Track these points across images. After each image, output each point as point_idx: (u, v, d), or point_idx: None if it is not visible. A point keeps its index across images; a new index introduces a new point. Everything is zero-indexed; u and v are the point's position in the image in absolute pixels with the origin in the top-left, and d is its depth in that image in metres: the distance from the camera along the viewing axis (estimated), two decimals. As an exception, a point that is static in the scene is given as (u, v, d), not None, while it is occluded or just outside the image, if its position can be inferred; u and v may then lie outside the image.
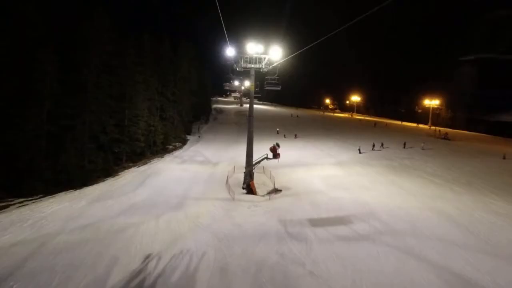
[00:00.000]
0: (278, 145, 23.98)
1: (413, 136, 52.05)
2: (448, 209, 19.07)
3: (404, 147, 39.49)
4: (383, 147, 39.11)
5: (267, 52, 23.49)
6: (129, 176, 27.63)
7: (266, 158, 23.82)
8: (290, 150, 35.71)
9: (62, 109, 25.01)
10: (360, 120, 77.17)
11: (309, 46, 16.32)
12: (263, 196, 22.80)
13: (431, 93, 76.48)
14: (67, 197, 22.02)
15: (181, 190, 23.78)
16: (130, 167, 30.91)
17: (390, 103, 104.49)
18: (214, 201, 21.03)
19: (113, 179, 27.12)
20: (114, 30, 30.20)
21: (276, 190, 23.62)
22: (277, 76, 24.15)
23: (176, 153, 38.41)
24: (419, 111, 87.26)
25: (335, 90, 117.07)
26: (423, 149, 38.54)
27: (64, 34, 27.43)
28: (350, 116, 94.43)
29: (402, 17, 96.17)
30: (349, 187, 23.74)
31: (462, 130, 69.20)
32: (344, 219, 17.45)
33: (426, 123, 75.11)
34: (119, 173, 28.86)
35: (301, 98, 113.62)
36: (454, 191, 22.88)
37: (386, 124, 71.21)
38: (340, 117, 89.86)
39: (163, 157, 36.04)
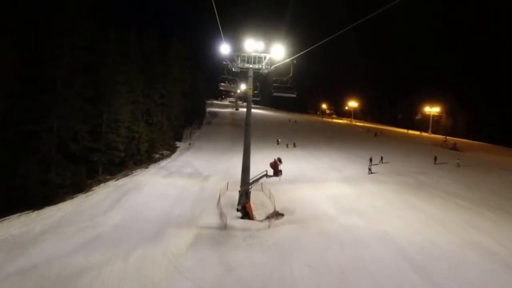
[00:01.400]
0: (280, 160, 20.10)
1: (419, 146, 48.92)
2: (491, 246, 15.35)
3: (435, 163, 34.99)
4: (382, 162, 34.19)
5: (269, 51, 20.02)
6: (104, 193, 23.50)
7: (266, 175, 19.96)
8: (290, 161, 31.77)
9: (22, 112, 20.95)
10: (368, 130, 69.09)
11: (313, 46, 13.93)
12: (261, 221, 18.95)
13: (432, 100, 74.06)
14: (20, 221, 17.89)
15: (163, 212, 19.91)
16: (107, 180, 26.70)
17: (389, 109, 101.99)
18: (201, 230, 17.12)
19: (84, 195, 23.00)
20: (92, 21, 26.16)
21: (277, 214, 19.80)
22: (290, 76, 20.23)
23: (163, 163, 34.25)
24: (419, 117, 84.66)
25: (333, 94, 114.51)
26: (458, 166, 34.17)
27: (30, 23, 23.39)
28: (349, 122, 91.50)
29: (407, 19, 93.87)
30: (363, 211, 19.98)
31: (462, 138, 66.08)
32: None
33: (425, 130, 72.50)
34: (93, 188, 24.71)
35: (298, 102, 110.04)
36: (488, 218, 19.27)
37: (381, 132, 66.87)
38: (339, 123, 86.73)
39: (147, 167, 31.91)
